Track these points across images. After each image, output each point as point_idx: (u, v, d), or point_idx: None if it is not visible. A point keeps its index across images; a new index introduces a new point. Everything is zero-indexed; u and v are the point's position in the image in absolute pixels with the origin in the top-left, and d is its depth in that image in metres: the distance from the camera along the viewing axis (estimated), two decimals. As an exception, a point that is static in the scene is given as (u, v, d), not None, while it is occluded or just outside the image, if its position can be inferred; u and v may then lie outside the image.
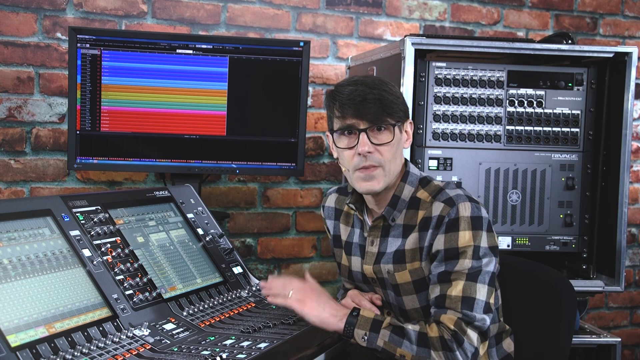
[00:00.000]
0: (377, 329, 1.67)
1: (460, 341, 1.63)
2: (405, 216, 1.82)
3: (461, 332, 1.64)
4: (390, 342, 1.65)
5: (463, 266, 1.70)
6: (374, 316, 1.70)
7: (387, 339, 1.66)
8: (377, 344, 1.66)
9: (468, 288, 1.68)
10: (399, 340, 1.65)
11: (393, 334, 1.66)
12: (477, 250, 1.70)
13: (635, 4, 3.45)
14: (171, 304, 1.82)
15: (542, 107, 2.50)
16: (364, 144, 1.74)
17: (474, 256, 1.70)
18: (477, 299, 1.68)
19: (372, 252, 1.88)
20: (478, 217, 1.73)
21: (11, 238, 1.59)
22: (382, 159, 1.76)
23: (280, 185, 3.04)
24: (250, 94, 2.58)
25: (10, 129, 2.69)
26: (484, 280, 1.70)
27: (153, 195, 2.11)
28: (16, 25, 2.67)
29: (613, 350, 2.55)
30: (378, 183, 1.78)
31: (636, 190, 3.50)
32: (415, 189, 1.83)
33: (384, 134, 1.75)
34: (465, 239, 1.71)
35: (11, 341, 1.40)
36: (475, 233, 1.71)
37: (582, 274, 2.54)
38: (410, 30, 3.15)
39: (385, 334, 1.66)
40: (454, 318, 1.66)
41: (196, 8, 2.88)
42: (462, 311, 1.66)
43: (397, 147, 1.79)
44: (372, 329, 1.67)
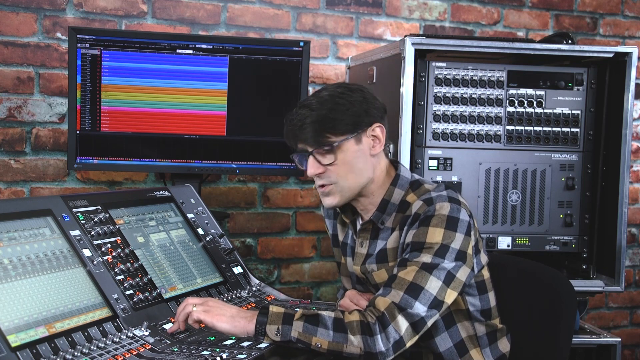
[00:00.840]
0: (289, 322, 1.60)
1: (385, 324, 1.59)
2: (394, 219, 1.82)
3: (390, 316, 1.60)
4: (304, 332, 1.59)
5: (423, 258, 1.67)
6: (284, 310, 1.63)
7: (301, 329, 1.59)
8: (292, 335, 1.59)
9: (420, 276, 1.65)
10: (314, 329, 1.59)
11: (307, 323, 1.59)
12: (443, 249, 1.68)
13: (635, 4, 3.45)
14: (171, 304, 1.82)
15: (542, 107, 2.50)
16: (311, 166, 1.78)
17: (438, 253, 1.67)
18: (425, 289, 1.64)
19: (361, 253, 1.89)
20: (455, 217, 1.71)
21: (11, 238, 1.59)
22: (333, 177, 1.77)
23: (280, 185, 3.04)
24: (250, 94, 2.58)
25: (10, 129, 2.69)
26: (439, 275, 1.66)
27: (153, 195, 2.11)
28: (16, 25, 2.67)
29: (613, 350, 2.55)
30: (334, 199, 1.81)
31: (636, 190, 3.50)
32: (405, 192, 1.83)
33: (330, 155, 1.76)
34: (434, 236, 1.69)
35: (11, 341, 1.40)
36: (448, 232, 1.69)
37: (582, 274, 2.54)
38: (410, 30, 3.15)
39: (298, 325, 1.59)
40: (389, 301, 1.62)
41: (196, 8, 2.88)
42: (403, 295, 1.62)
43: (354, 160, 1.77)
44: (284, 322, 1.60)
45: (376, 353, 1.58)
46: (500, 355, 1.88)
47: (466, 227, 1.72)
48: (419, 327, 1.64)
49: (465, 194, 2.45)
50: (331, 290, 3.13)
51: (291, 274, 3.09)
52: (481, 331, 1.85)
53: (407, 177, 1.85)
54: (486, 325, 1.86)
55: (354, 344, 1.58)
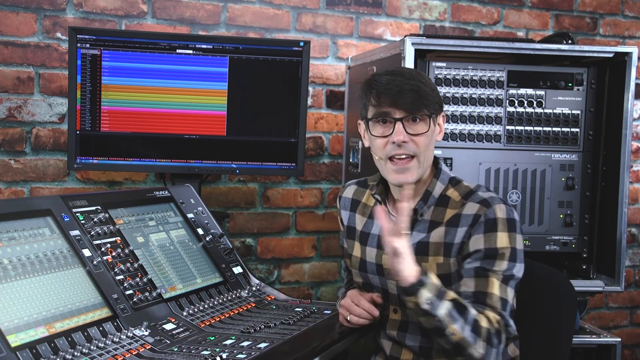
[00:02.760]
0: (441, 297, 1.62)
1: (500, 341, 1.66)
2: (432, 212, 1.83)
3: (501, 332, 1.67)
4: (449, 315, 1.61)
5: (501, 267, 1.71)
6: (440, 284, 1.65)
7: (448, 311, 1.61)
8: (438, 311, 1.60)
9: (504, 290, 1.70)
10: (458, 317, 1.62)
11: (455, 309, 1.62)
12: (513, 253, 1.73)
13: (635, 4, 3.45)
14: (171, 304, 1.82)
15: (542, 107, 2.50)
16: (399, 133, 1.74)
17: (510, 258, 1.72)
18: (509, 302, 1.71)
19: None
20: (512, 219, 1.75)
21: (11, 238, 1.59)
22: (416, 149, 1.76)
23: (280, 185, 3.04)
24: (250, 94, 2.58)
25: (10, 129, 2.69)
26: (514, 285, 1.73)
27: (153, 195, 2.11)
28: (16, 25, 2.67)
29: (613, 350, 2.55)
30: (412, 175, 1.78)
31: (636, 190, 3.50)
32: (445, 186, 1.85)
33: (420, 125, 1.76)
34: (503, 241, 1.73)
35: (11, 341, 1.40)
36: (512, 235, 1.74)
37: (582, 274, 2.54)
38: (410, 30, 3.15)
39: (447, 305, 1.62)
40: (498, 318, 1.67)
41: (196, 8, 2.88)
42: (501, 312, 1.68)
43: (431, 139, 1.79)
44: (437, 295, 1.62)
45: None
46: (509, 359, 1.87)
47: (519, 226, 1.77)
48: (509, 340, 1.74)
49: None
50: (331, 290, 3.13)
51: (291, 274, 3.09)
52: None
53: (448, 173, 1.88)
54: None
55: (478, 349, 1.63)
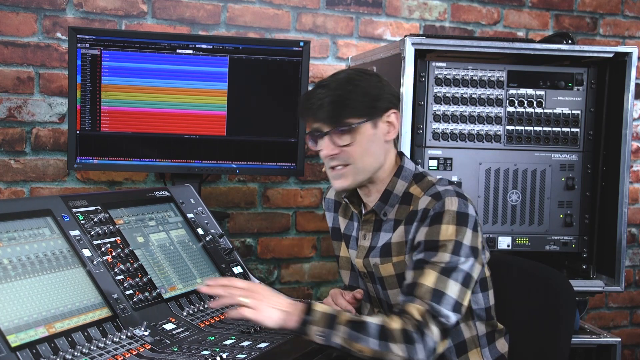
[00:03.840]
0: (332, 326, 1.59)
1: (423, 333, 1.60)
2: (397, 211, 1.82)
3: (425, 324, 1.60)
4: (349, 339, 1.58)
5: (441, 259, 1.67)
6: (330, 311, 1.62)
7: (346, 335, 1.58)
8: (334, 340, 1.58)
9: (440, 282, 1.65)
10: (357, 336, 1.58)
11: (352, 330, 1.59)
12: (457, 246, 1.68)
13: (635, 4, 3.45)
14: (171, 304, 1.82)
15: (542, 107, 2.50)
16: (326, 146, 1.76)
17: (454, 251, 1.67)
18: (447, 294, 1.64)
19: (364, 245, 1.89)
20: (464, 213, 1.71)
21: (11, 238, 1.59)
22: (349, 158, 1.76)
23: (280, 185, 3.04)
24: (250, 94, 2.58)
25: (10, 129, 2.69)
26: (457, 278, 1.66)
27: (153, 195, 2.11)
28: (16, 25, 2.67)
29: (613, 350, 2.55)
30: (347, 180, 1.79)
31: (636, 190, 3.50)
32: (408, 184, 1.83)
33: (346, 136, 1.74)
34: (447, 233, 1.68)
35: (11, 341, 1.40)
36: (459, 228, 1.69)
37: (582, 274, 2.54)
38: (410, 30, 3.16)
39: (343, 330, 1.59)
40: (422, 309, 1.62)
41: (196, 8, 2.88)
42: (430, 303, 1.63)
43: (369, 144, 1.76)
44: (328, 325, 1.59)
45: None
46: (499, 356, 1.88)
47: (474, 222, 1.72)
48: (447, 332, 1.66)
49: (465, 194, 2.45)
50: (331, 290, 3.13)
51: (291, 274, 3.09)
52: (482, 331, 1.85)
53: (411, 169, 1.85)
54: (487, 324, 1.86)
55: (396, 352, 1.58)
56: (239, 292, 1.62)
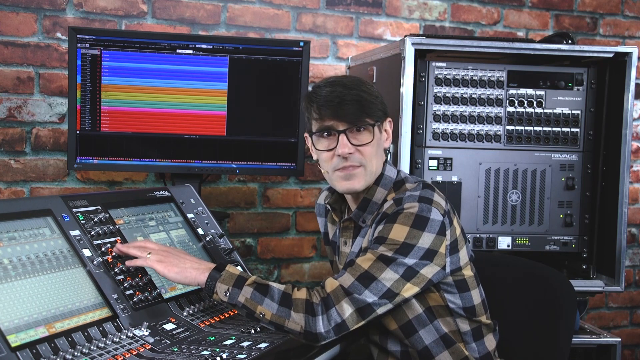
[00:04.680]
0: (240, 285, 1.62)
1: (328, 306, 1.59)
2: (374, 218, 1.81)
3: (335, 299, 1.60)
4: (251, 299, 1.61)
5: (382, 250, 1.66)
6: (239, 273, 1.65)
7: (249, 295, 1.61)
8: (238, 299, 1.61)
9: (375, 267, 1.64)
10: (261, 298, 1.60)
11: (256, 291, 1.61)
12: (404, 248, 1.65)
13: (635, 4, 3.45)
14: (171, 304, 1.82)
15: (542, 107, 2.50)
16: (343, 145, 1.74)
17: (398, 251, 1.65)
18: (379, 279, 1.63)
19: (345, 252, 1.89)
20: (423, 217, 1.68)
21: (11, 238, 1.59)
22: (362, 159, 1.76)
23: (280, 185, 3.04)
24: (250, 94, 2.58)
25: (10, 129, 2.69)
26: (397, 269, 1.64)
27: (153, 195, 2.11)
28: (16, 25, 2.67)
29: (613, 350, 2.55)
30: (359, 182, 1.78)
31: (636, 190, 3.50)
32: (387, 191, 1.82)
33: (364, 134, 1.76)
34: (397, 234, 1.66)
35: (11, 341, 1.40)
36: (412, 231, 1.66)
37: (582, 274, 2.54)
38: (410, 30, 3.16)
39: (247, 290, 1.61)
40: (337, 284, 1.62)
41: (196, 8, 2.88)
42: (354, 281, 1.62)
43: (377, 147, 1.79)
44: (235, 284, 1.62)
45: (316, 333, 1.59)
46: (486, 353, 1.86)
47: (438, 226, 1.69)
48: (366, 313, 1.63)
49: (465, 194, 2.46)
50: (331, 290, 3.13)
51: (291, 274, 3.09)
52: (465, 327, 1.82)
53: (392, 177, 1.84)
54: (470, 321, 1.83)
55: (295, 320, 1.59)
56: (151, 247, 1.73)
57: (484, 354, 1.85)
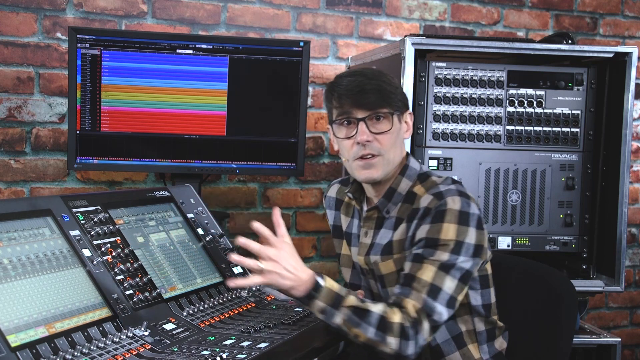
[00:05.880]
0: (337, 306, 1.63)
1: (417, 331, 1.63)
2: (399, 209, 1.83)
3: (419, 322, 1.63)
4: (348, 322, 1.63)
5: (440, 257, 1.69)
6: (337, 289, 1.65)
7: (347, 318, 1.62)
8: (334, 320, 1.63)
9: (437, 277, 1.67)
10: (358, 322, 1.62)
11: (354, 314, 1.63)
12: (458, 246, 1.69)
13: (635, 4, 3.45)
14: (171, 304, 1.82)
15: (542, 107, 2.50)
16: (362, 132, 1.76)
17: (453, 250, 1.69)
18: (444, 290, 1.66)
19: (365, 243, 1.89)
20: (466, 212, 1.72)
21: (11, 238, 1.59)
22: (381, 147, 1.78)
23: (280, 185, 3.04)
24: (250, 94, 2.58)
25: (10, 129, 2.69)
26: (455, 275, 1.68)
27: (153, 195, 2.10)
28: (16, 25, 2.67)
29: (613, 350, 2.55)
30: (377, 171, 1.80)
31: (636, 190, 3.50)
32: (413, 183, 1.84)
33: (383, 123, 1.78)
34: (449, 232, 1.70)
35: (11, 341, 1.40)
36: (461, 228, 1.70)
37: (582, 274, 2.54)
38: (410, 30, 3.16)
39: (345, 313, 1.63)
40: (417, 306, 1.65)
41: (196, 8, 2.88)
42: (425, 298, 1.65)
43: (397, 137, 1.81)
44: (333, 305, 1.63)
45: (406, 356, 1.63)
46: (496, 353, 1.88)
47: (477, 220, 1.74)
48: (437, 327, 1.69)
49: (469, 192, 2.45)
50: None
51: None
52: (480, 327, 1.85)
53: (416, 169, 1.87)
54: (486, 321, 1.86)
55: (390, 345, 1.62)
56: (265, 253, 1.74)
57: (494, 355, 1.87)
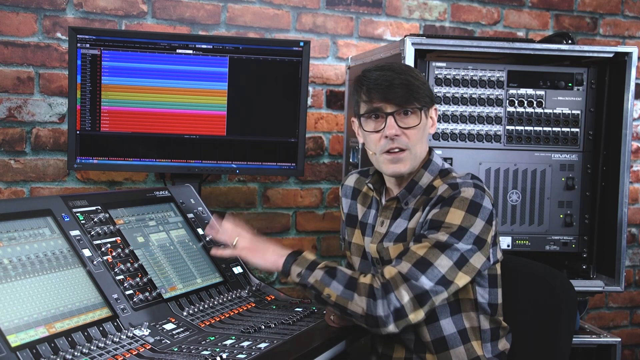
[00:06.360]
0: (312, 268, 1.71)
1: (387, 291, 1.64)
2: (417, 201, 1.86)
3: (393, 284, 1.65)
4: (320, 281, 1.69)
5: (438, 237, 1.70)
6: (314, 258, 1.74)
7: (319, 277, 1.69)
8: (309, 280, 1.70)
9: (430, 253, 1.69)
10: (329, 280, 1.68)
11: (326, 274, 1.69)
12: (460, 231, 1.71)
13: (635, 4, 3.45)
14: (171, 304, 1.82)
15: (542, 107, 2.50)
16: (391, 126, 1.78)
17: (454, 235, 1.70)
18: (435, 265, 1.67)
19: (380, 232, 1.91)
20: (477, 203, 1.74)
21: (11, 238, 1.59)
22: (408, 142, 1.80)
23: (280, 185, 3.04)
24: (250, 94, 2.58)
25: (10, 129, 2.69)
26: (450, 256, 1.69)
27: (153, 195, 2.11)
28: (16, 25, 2.67)
29: (613, 350, 2.55)
30: (405, 166, 1.82)
31: (636, 190, 3.50)
32: (433, 177, 1.87)
33: (411, 118, 1.80)
34: (455, 217, 1.72)
35: (11, 341, 1.40)
36: (469, 216, 1.72)
37: (582, 274, 2.54)
38: (410, 30, 3.15)
39: (318, 273, 1.70)
40: (395, 271, 1.67)
41: (196, 8, 2.88)
42: (411, 267, 1.67)
43: (423, 132, 1.83)
44: (308, 267, 1.72)
45: (376, 316, 1.64)
46: (499, 353, 1.88)
47: (488, 214, 1.75)
48: (423, 300, 1.67)
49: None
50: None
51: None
52: (485, 325, 1.86)
53: (439, 164, 1.90)
54: (491, 320, 1.87)
55: (358, 303, 1.65)
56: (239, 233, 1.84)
57: (497, 354, 1.88)
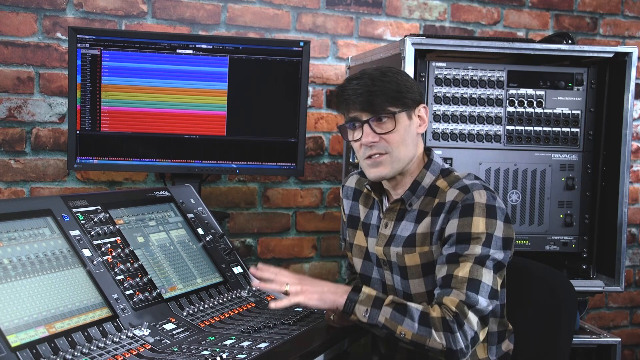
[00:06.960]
0: (379, 306, 1.68)
1: (460, 323, 1.66)
2: (422, 202, 1.86)
3: (462, 314, 1.66)
4: (391, 319, 1.67)
5: (473, 251, 1.72)
6: (376, 293, 1.71)
7: (389, 315, 1.67)
8: (379, 320, 1.67)
9: (475, 271, 1.71)
10: (401, 318, 1.66)
11: (395, 311, 1.67)
12: (489, 239, 1.73)
13: (635, 4, 3.45)
14: (171, 304, 1.82)
15: (542, 107, 2.50)
16: (367, 134, 1.80)
17: (485, 243, 1.73)
18: (483, 282, 1.70)
19: (385, 234, 1.91)
20: (493, 205, 1.76)
21: (11, 238, 1.59)
22: (388, 146, 1.81)
23: (280, 185, 3.04)
24: (250, 94, 2.59)
25: (10, 129, 2.69)
26: (491, 266, 1.73)
27: (153, 195, 2.11)
28: (16, 25, 2.67)
29: (613, 350, 2.55)
30: (385, 168, 1.83)
31: (636, 190, 3.50)
32: (436, 177, 1.88)
33: (386, 124, 1.80)
34: (479, 226, 1.74)
35: (11, 341, 1.40)
36: (490, 221, 1.75)
37: (582, 274, 2.54)
38: (410, 30, 3.15)
39: (387, 310, 1.68)
40: (456, 300, 1.68)
41: (196, 8, 2.88)
42: (467, 292, 1.68)
43: (405, 134, 1.82)
44: (374, 305, 1.69)
45: (457, 350, 1.65)
46: (503, 354, 1.89)
47: (504, 214, 1.78)
48: (486, 319, 1.72)
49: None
50: (331, 290, 3.12)
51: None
52: (493, 328, 1.88)
53: (439, 164, 1.91)
54: (499, 322, 1.89)
55: (437, 339, 1.64)
56: (287, 279, 1.74)
57: (501, 356, 1.89)
